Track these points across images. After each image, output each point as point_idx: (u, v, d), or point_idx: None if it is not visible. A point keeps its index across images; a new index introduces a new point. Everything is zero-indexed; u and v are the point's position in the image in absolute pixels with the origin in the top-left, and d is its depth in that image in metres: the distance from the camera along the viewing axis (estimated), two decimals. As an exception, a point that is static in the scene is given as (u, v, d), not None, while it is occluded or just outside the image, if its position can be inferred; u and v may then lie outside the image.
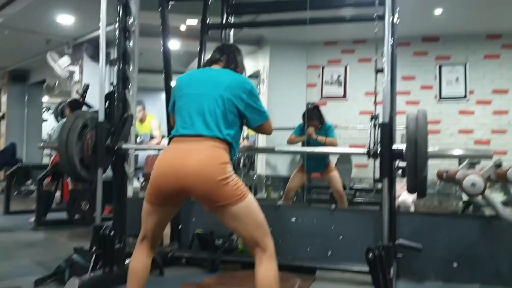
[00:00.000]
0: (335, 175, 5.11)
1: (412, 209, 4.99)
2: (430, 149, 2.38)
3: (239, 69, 2.42)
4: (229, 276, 3.27)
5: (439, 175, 4.38)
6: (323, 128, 5.05)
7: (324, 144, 4.88)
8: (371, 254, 2.26)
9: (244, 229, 2.10)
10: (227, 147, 2.14)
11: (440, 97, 7.34)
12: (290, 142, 5.13)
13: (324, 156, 5.04)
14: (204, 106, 2.16)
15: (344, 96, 7.62)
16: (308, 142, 4.93)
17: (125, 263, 3.03)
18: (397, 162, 2.65)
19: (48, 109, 12.15)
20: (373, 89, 2.92)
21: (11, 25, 7.19)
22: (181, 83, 2.33)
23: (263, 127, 2.34)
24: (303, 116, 5.07)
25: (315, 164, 5.07)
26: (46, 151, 10.79)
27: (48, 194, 5.80)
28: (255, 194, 6.67)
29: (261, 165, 7.52)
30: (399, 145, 2.50)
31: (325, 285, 3.31)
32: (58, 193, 6.63)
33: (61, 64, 7.37)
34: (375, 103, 2.75)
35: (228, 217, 2.09)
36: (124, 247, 3.07)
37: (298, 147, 5.01)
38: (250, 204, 2.10)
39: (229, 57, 2.41)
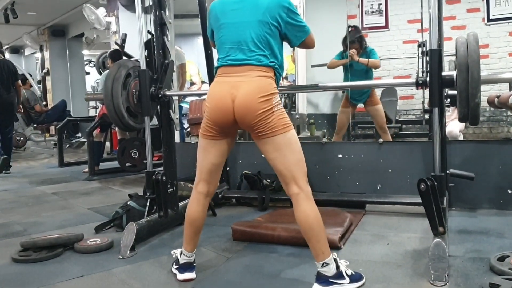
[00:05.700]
0: (378, 108, 5.04)
1: (460, 138, 4.88)
2: (481, 73, 2.27)
3: None
4: (278, 214, 3.33)
5: (490, 101, 4.23)
6: (365, 52, 4.98)
7: (366, 66, 4.85)
8: (423, 184, 2.23)
9: (283, 162, 2.09)
10: (273, 74, 2.15)
11: (488, 19, 6.93)
12: (331, 66, 5.10)
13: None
14: (246, 34, 2.14)
15: (386, 25, 7.30)
16: (350, 66, 4.88)
17: (179, 205, 3.13)
18: (445, 91, 2.56)
19: (89, 62, 12.34)
20: (416, 17, 2.80)
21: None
22: (216, 12, 2.26)
23: (306, 42, 2.29)
24: (343, 40, 4.98)
25: (359, 91, 5.02)
26: (92, 103, 11.06)
27: (98, 144, 6.00)
28: (298, 133, 6.65)
29: (303, 104, 7.40)
30: (449, 72, 2.38)
31: (376, 219, 3.31)
32: (107, 143, 6.84)
33: (99, 14, 7.37)
34: (422, 29, 2.62)
35: (270, 146, 2.10)
36: (176, 190, 3.14)
37: (341, 83, 4.92)
38: (292, 137, 2.12)
39: None
